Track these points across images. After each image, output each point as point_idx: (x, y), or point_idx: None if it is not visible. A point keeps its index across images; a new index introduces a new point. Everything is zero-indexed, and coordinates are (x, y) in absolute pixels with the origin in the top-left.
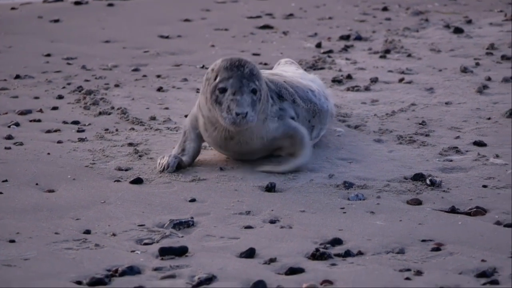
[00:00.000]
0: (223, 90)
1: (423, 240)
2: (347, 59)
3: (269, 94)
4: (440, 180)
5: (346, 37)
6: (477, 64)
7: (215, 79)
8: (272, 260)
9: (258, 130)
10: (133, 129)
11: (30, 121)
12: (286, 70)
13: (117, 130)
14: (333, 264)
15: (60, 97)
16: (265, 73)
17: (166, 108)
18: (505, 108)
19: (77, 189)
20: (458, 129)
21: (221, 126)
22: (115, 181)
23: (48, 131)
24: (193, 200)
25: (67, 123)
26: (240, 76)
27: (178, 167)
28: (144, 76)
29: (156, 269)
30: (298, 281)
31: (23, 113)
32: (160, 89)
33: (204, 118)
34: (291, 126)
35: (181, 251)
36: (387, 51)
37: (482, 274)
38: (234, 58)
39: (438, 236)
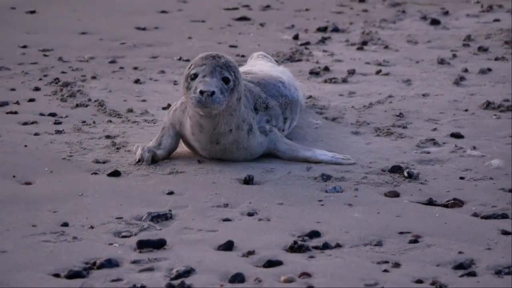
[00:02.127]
0: (195, 76)
1: (401, 232)
2: (324, 51)
3: (250, 107)
4: (418, 172)
5: (323, 29)
6: (454, 55)
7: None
8: (250, 253)
9: (242, 140)
10: (110, 121)
11: (7, 113)
12: (256, 65)
13: (94, 122)
14: (311, 257)
15: (37, 89)
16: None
17: (144, 101)
18: (482, 99)
19: (55, 181)
20: (435, 121)
21: (206, 126)
22: (92, 174)
23: (25, 123)
24: (171, 193)
25: (44, 115)
26: (214, 64)
27: (153, 160)
28: (121, 68)
29: (134, 262)
30: (276, 274)
31: None
32: (137, 81)
33: (191, 120)
34: (273, 142)
35: (159, 244)
36: (364, 43)
37: (459, 266)
38: (213, 52)
39: (416, 228)
